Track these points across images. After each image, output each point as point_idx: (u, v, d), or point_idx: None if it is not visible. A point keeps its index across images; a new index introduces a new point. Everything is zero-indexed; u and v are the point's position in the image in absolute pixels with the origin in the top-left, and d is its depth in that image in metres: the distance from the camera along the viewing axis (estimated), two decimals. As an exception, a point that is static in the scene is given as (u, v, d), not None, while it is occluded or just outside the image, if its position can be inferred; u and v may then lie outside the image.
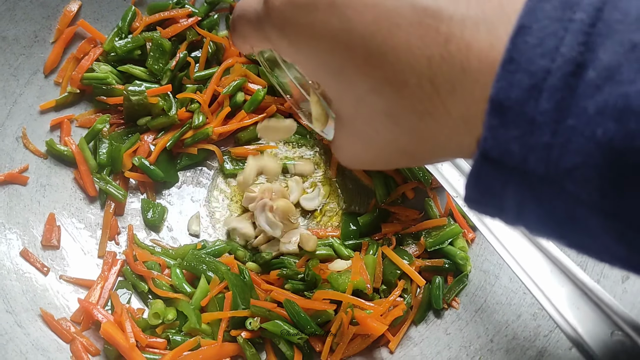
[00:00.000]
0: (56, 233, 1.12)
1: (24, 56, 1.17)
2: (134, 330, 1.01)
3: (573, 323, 0.77)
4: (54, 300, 1.06)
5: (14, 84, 1.16)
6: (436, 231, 1.12)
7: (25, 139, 1.15)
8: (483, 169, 0.49)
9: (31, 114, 1.17)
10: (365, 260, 1.10)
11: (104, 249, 1.14)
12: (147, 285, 1.09)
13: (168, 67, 1.21)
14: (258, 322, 1.04)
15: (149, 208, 1.18)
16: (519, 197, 0.49)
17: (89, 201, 1.18)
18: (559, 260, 0.82)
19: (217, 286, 1.07)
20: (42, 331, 1.01)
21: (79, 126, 1.21)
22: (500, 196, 0.50)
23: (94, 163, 1.17)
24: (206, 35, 1.24)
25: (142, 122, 1.21)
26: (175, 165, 1.23)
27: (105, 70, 1.21)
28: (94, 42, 1.22)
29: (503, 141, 0.47)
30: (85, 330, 1.04)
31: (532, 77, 0.45)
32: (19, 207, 1.11)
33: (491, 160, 0.48)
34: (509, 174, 0.47)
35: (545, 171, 0.45)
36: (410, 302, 1.09)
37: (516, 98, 0.45)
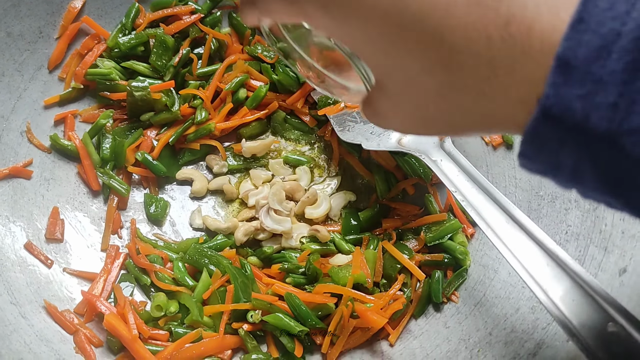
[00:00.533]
0: (60, 226, 1.13)
1: (29, 52, 1.18)
2: (136, 322, 1.02)
3: (569, 316, 0.78)
4: (58, 293, 1.08)
5: (19, 79, 1.17)
6: (436, 226, 1.13)
7: (29, 133, 1.16)
8: (542, 126, 0.49)
9: (35, 108, 1.18)
10: (365, 254, 1.11)
11: (107, 242, 1.15)
12: (150, 278, 1.10)
13: (171, 64, 1.23)
14: (259, 315, 1.05)
15: (152, 202, 1.20)
16: (575, 155, 0.49)
17: (92, 195, 1.19)
18: (555, 254, 0.83)
19: (218, 279, 1.09)
20: (45, 322, 1.03)
21: (83, 121, 1.22)
22: (557, 154, 0.50)
23: (97, 158, 1.18)
24: (209, 32, 1.25)
25: (145, 117, 1.22)
26: (178, 161, 1.24)
27: (109, 66, 1.23)
28: (97, 38, 1.24)
29: (566, 99, 0.47)
30: (89, 322, 1.05)
31: (602, 39, 0.46)
32: (23, 200, 1.13)
33: (551, 117, 0.48)
34: (568, 131, 0.48)
35: (606, 130, 0.46)
36: (410, 295, 1.10)
37: (583, 57, 0.46)
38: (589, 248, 0.99)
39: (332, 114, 1.19)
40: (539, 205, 1.09)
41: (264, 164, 1.26)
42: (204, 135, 1.22)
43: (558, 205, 1.06)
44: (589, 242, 0.99)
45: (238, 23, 1.29)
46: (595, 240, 0.99)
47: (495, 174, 1.17)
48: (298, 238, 1.17)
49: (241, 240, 1.16)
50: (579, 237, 1.01)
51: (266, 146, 1.25)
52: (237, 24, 1.29)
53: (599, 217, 1.00)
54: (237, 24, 1.29)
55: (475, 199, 0.94)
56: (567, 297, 0.79)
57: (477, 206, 0.93)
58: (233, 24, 1.30)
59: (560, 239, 1.03)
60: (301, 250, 1.15)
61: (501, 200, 0.91)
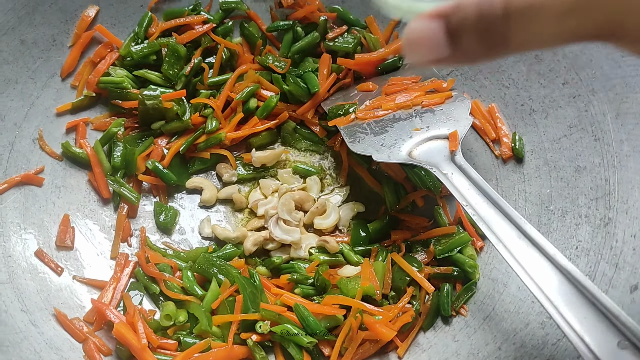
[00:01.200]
0: (70, 234, 1.13)
1: (42, 59, 1.19)
2: (146, 331, 1.02)
3: (580, 332, 0.78)
4: (68, 300, 1.08)
5: (32, 87, 1.17)
6: (445, 239, 1.13)
7: (41, 140, 1.17)
8: None
9: (48, 116, 1.19)
10: (374, 266, 1.11)
11: (117, 250, 1.16)
12: (159, 287, 1.11)
13: (183, 73, 1.23)
14: (268, 325, 1.05)
15: (162, 211, 1.20)
16: None
17: (102, 203, 1.19)
18: (567, 270, 0.82)
19: (227, 289, 1.09)
20: (55, 330, 1.03)
21: (94, 129, 1.23)
22: None
23: (108, 166, 1.19)
24: (220, 42, 1.26)
25: (156, 126, 1.23)
26: (188, 169, 1.24)
27: (121, 74, 1.23)
28: (110, 47, 1.24)
29: None
30: (98, 330, 1.05)
31: None
32: (35, 207, 1.13)
33: None
34: None
35: None
36: (419, 308, 1.10)
37: None
38: (600, 264, 0.98)
39: (342, 125, 1.19)
40: (549, 220, 1.09)
41: (273, 174, 1.26)
42: (215, 144, 1.23)
43: (568, 220, 1.06)
44: (600, 258, 0.99)
45: (250, 33, 1.29)
46: (606, 257, 0.99)
47: (505, 187, 1.17)
48: (307, 248, 1.17)
49: (250, 250, 1.16)
50: (590, 252, 1.01)
51: (276, 156, 1.25)
52: (249, 34, 1.29)
53: (610, 233, 1.00)
54: (249, 34, 1.29)
55: (486, 213, 0.94)
56: (579, 313, 0.79)
57: (488, 220, 0.93)
58: (245, 34, 1.30)
59: (570, 254, 1.03)
60: (310, 260, 1.16)
61: (512, 215, 0.91)
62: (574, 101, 1.11)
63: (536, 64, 1.16)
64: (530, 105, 1.17)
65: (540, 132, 1.15)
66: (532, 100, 1.16)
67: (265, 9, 1.31)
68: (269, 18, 1.31)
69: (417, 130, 1.12)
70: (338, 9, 1.29)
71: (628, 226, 0.98)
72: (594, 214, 1.03)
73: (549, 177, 1.12)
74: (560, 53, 1.13)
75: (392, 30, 1.28)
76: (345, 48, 1.27)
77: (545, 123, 1.14)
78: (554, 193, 1.10)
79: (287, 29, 1.28)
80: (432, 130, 1.12)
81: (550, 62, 1.15)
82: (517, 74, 1.18)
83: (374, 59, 1.26)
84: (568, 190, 1.08)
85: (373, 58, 1.26)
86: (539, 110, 1.15)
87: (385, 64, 1.26)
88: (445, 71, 1.25)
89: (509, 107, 1.19)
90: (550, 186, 1.11)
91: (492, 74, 1.21)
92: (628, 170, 1.01)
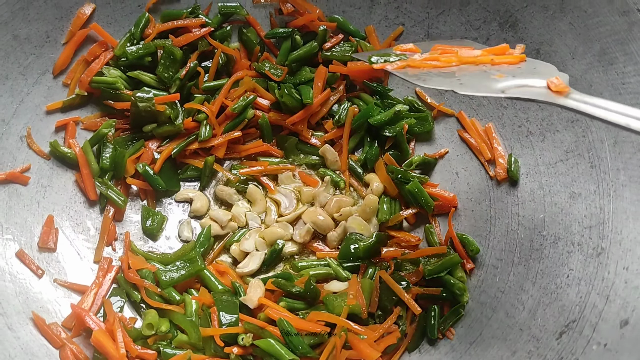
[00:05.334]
0: (53, 235, 1.11)
1: (34, 55, 1.16)
2: (125, 340, 1.00)
3: None
4: (47, 304, 1.06)
5: (22, 83, 1.15)
6: (435, 259, 1.11)
7: (29, 138, 1.14)
8: None
9: (37, 113, 1.17)
10: (362, 283, 1.09)
11: (101, 254, 1.14)
12: (140, 294, 1.08)
13: (178, 76, 1.21)
14: (251, 338, 1.03)
15: (149, 216, 1.18)
16: None
17: (88, 205, 1.17)
18: None
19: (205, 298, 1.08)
20: (32, 335, 1.01)
21: (84, 129, 1.20)
22: None
23: (96, 167, 1.16)
24: (218, 46, 1.24)
25: (147, 128, 1.21)
26: (178, 175, 1.22)
27: (115, 74, 1.21)
28: (105, 46, 1.22)
29: None
30: (76, 337, 1.03)
31: None
32: (18, 206, 1.11)
33: None
34: None
35: None
36: (405, 329, 1.08)
37: None
38: (591, 295, 0.96)
39: (394, 70, 1.04)
40: (541, 246, 1.07)
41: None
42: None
43: (560, 247, 1.05)
44: (591, 289, 0.97)
45: (248, 39, 1.27)
46: (598, 288, 0.97)
47: (498, 209, 1.15)
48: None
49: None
50: (581, 282, 0.99)
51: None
52: (247, 39, 1.27)
53: (602, 263, 0.98)
54: (247, 39, 1.27)
55: None
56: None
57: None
58: (243, 39, 1.28)
59: (561, 283, 1.01)
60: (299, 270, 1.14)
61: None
62: (572, 126, 1.10)
63: (536, 86, 1.14)
64: (528, 127, 1.15)
65: (536, 155, 1.13)
66: (530, 122, 1.15)
67: (265, 15, 1.29)
68: (268, 24, 1.29)
69: (500, 77, 0.93)
70: (338, 18, 1.27)
71: (621, 257, 0.96)
72: (587, 243, 1.02)
73: (543, 202, 1.10)
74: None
75: (391, 42, 1.26)
76: (343, 57, 1.25)
77: (542, 146, 1.13)
78: (547, 218, 1.08)
79: (285, 36, 1.26)
80: (520, 79, 0.92)
81: (550, 85, 1.13)
82: (516, 94, 1.17)
83: (366, 67, 1.24)
84: (562, 216, 1.07)
85: (365, 66, 1.24)
86: (536, 133, 1.14)
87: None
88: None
89: (506, 127, 1.18)
90: (544, 211, 1.09)
91: (490, 94, 1.19)
92: (623, 200, 0.99)
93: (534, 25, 1.14)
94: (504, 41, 1.16)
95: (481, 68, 0.98)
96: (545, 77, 0.89)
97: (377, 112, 1.22)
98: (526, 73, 0.94)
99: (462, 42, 1.13)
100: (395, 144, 1.23)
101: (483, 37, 1.19)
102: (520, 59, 0.99)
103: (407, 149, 1.22)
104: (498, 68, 0.97)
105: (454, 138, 1.23)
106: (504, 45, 1.01)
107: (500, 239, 1.13)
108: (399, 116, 1.22)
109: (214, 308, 1.06)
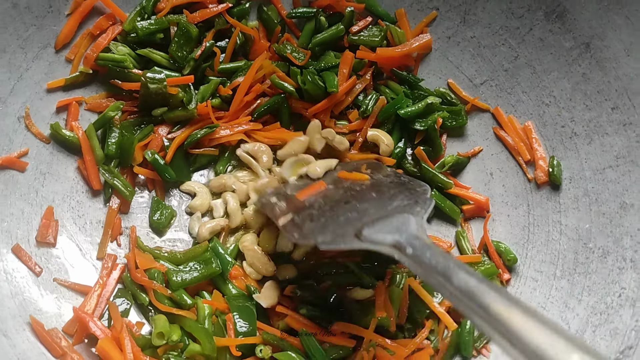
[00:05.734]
0: (53, 229, 1.01)
1: (35, 27, 1.05)
2: (133, 350, 0.90)
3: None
4: (45, 307, 0.96)
5: (21, 57, 1.04)
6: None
7: (28, 119, 1.04)
8: None
9: (37, 92, 1.06)
10: (390, 292, 1.00)
11: (104, 250, 1.04)
12: (148, 297, 0.99)
13: (192, 56, 1.11)
14: (269, 350, 0.94)
15: (158, 209, 1.08)
16: None
17: (91, 195, 1.07)
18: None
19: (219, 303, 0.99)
20: (29, 343, 0.91)
21: (88, 109, 1.10)
22: None
23: (101, 153, 1.06)
24: (236, 25, 1.13)
25: (157, 112, 1.10)
26: (189, 165, 1.12)
27: (123, 52, 1.10)
28: (112, 19, 1.11)
29: None
30: (78, 344, 0.93)
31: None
32: (15, 195, 1.01)
33: None
34: None
35: None
36: (437, 345, 1.00)
37: None
38: (649, 319, 0.89)
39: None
40: (587, 259, 0.99)
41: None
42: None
43: (610, 263, 0.97)
44: (649, 312, 0.90)
45: (268, 17, 1.17)
46: (658, 313, 0.89)
47: (538, 215, 1.06)
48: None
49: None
50: (636, 303, 0.91)
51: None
52: (267, 18, 1.17)
53: (662, 284, 0.90)
54: (267, 18, 1.17)
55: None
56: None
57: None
58: (262, 17, 1.17)
59: (611, 302, 0.93)
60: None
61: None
62: (623, 129, 1.01)
63: (583, 83, 1.06)
64: (572, 128, 1.06)
65: (581, 159, 1.05)
66: (575, 122, 1.06)
67: (287, -7, 1.18)
68: (289, 3, 1.18)
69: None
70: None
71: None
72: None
73: (589, 211, 1.02)
74: (612, 74, 1.03)
75: (423, 27, 1.16)
76: (371, 42, 1.15)
77: (588, 149, 1.04)
78: (594, 229, 1.00)
79: (309, 16, 1.16)
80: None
81: (599, 83, 1.04)
82: (559, 91, 1.08)
83: (397, 54, 1.15)
84: (611, 228, 0.99)
85: (397, 53, 1.15)
86: (582, 135, 1.05)
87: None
88: (478, 80, 1.14)
89: (548, 127, 1.09)
90: (590, 221, 1.01)
91: (531, 89, 1.11)
92: (684, 215, 0.92)
93: (585, 16, 1.05)
94: (550, 33, 1.07)
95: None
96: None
97: (407, 103, 1.12)
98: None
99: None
100: (426, 138, 1.14)
101: (526, 27, 1.10)
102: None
103: (440, 145, 1.13)
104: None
105: (488, 135, 1.14)
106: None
107: (539, 249, 1.04)
108: (431, 109, 1.13)
109: (229, 315, 0.96)
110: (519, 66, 1.11)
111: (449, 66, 1.17)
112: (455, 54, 1.16)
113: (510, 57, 1.12)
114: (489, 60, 1.14)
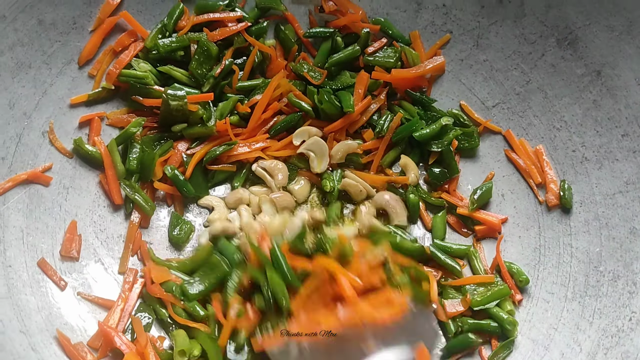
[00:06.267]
0: (76, 243, 1.02)
1: (60, 43, 1.07)
2: (158, 365, 0.92)
3: None
4: (70, 321, 0.97)
5: (46, 73, 1.06)
6: (482, 288, 1.05)
7: (51, 134, 1.05)
8: None
9: (60, 107, 1.07)
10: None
11: (126, 264, 1.05)
12: (167, 311, 1.00)
13: (212, 74, 1.12)
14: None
15: (177, 224, 1.09)
16: None
17: (112, 209, 1.08)
18: None
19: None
20: (56, 357, 0.92)
21: (110, 124, 1.11)
22: None
23: (122, 168, 1.07)
24: (254, 44, 1.15)
25: (177, 128, 1.12)
26: (207, 180, 1.14)
27: (145, 68, 1.12)
28: (134, 36, 1.13)
29: None
30: (103, 359, 0.95)
31: None
32: (39, 210, 1.02)
33: None
34: None
35: None
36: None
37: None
38: (660, 344, 0.92)
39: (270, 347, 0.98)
40: (597, 282, 1.02)
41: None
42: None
43: (621, 286, 0.99)
44: (661, 338, 0.93)
45: (285, 36, 1.19)
46: (670, 338, 0.92)
47: (548, 237, 1.09)
48: None
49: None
50: (647, 328, 0.94)
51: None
52: (285, 37, 1.19)
53: (672, 310, 0.93)
54: (285, 37, 1.19)
55: None
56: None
57: None
58: (280, 36, 1.19)
59: (622, 326, 0.96)
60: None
61: None
62: (633, 156, 1.04)
63: (594, 109, 1.09)
64: (583, 153, 1.09)
65: (592, 184, 1.08)
66: (586, 147, 1.09)
67: (304, 12, 1.20)
68: (306, 22, 1.21)
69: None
70: (381, 20, 1.19)
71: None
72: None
73: (599, 235, 1.05)
74: (622, 102, 1.06)
75: (436, 49, 1.19)
76: (386, 63, 1.18)
77: (599, 175, 1.07)
78: (604, 253, 1.03)
79: (326, 37, 1.18)
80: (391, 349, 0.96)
81: (610, 110, 1.07)
82: (570, 116, 1.11)
83: (412, 76, 1.17)
84: (621, 252, 1.02)
85: (411, 74, 1.17)
86: (593, 160, 1.08)
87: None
88: (490, 103, 1.17)
89: (559, 151, 1.12)
90: (601, 245, 1.04)
91: (543, 113, 1.13)
92: (693, 242, 0.95)
93: (597, 45, 1.08)
94: (562, 59, 1.10)
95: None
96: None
97: (421, 125, 1.15)
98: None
99: None
100: (440, 159, 1.16)
101: (538, 53, 1.13)
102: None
103: (456, 166, 1.15)
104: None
105: (500, 157, 1.17)
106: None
107: (551, 271, 1.07)
108: (446, 130, 1.15)
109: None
110: (530, 90, 1.14)
111: (462, 88, 1.19)
112: (468, 76, 1.18)
113: (522, 81, 1.15)
114: (501, 83, 1.16)
